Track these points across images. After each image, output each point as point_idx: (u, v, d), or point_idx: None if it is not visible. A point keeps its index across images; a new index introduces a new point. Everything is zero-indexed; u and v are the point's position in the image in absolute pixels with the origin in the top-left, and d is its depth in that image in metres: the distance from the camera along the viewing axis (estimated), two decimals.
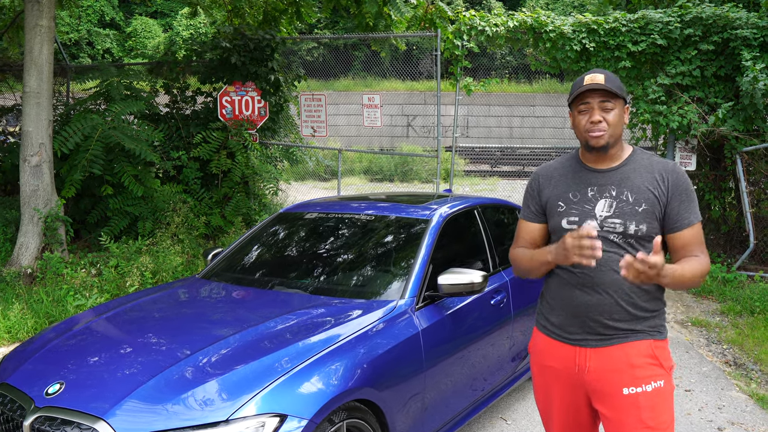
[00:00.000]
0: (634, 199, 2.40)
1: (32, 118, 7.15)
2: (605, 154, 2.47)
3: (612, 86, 2.39)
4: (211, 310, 3.70)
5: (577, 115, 2.47)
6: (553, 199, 2.55)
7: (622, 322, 2.41)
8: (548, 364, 2.57)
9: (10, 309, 6.14)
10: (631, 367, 2.39)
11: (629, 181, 2.43)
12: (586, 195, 2.48)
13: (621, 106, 2.44)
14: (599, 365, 2.43)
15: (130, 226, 8.32)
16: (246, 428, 2.54)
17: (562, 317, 2.51)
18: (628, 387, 2.39)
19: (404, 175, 18.99)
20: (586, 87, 2.40)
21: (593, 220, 2.43)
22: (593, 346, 2.44)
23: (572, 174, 2.55)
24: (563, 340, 2.52)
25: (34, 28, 7.11)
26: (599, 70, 2.44)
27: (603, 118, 2.40)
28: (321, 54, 27.89)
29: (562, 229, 2.49)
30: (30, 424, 2.70)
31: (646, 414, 2.37)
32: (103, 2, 29.62)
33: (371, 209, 4.46)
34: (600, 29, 8.31)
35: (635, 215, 2.39)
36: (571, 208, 2.49)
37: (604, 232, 2.40)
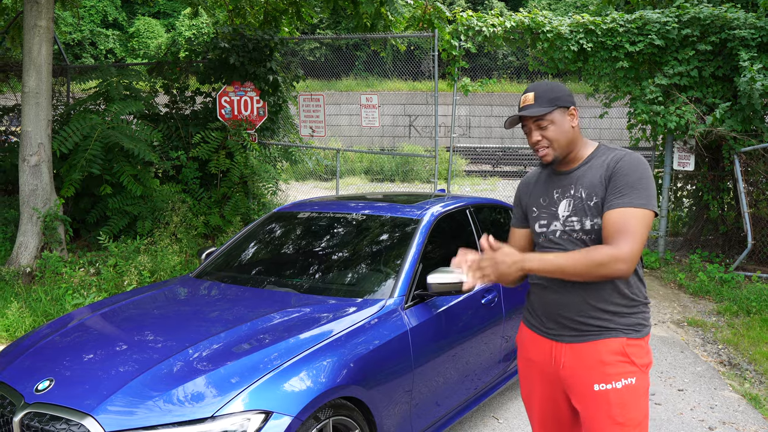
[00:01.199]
0: (587, 194, 2.44)
1: (31, 118, 7.20)
2: (560, 163, 2.54)
3: (539, 105, 2.44)
4: (202, 308, 3.73)
5: (526, 136, 2.54)
6: (530, 206, 2.64)
7: (592, 319, 2.43)
8: (530, 357, 2.63)
9: (8, 308, 6.18)
10: (602, 364, 2.41)
11: (584, 178, 2.47)
12: (552, 198, 2.55)
13: (560, 114, 2.46)
14: (572, 361, 2.47)
15: (129, 226, 8.37)
16: (231, 425, 2.57)
17: (540, 313, 2.58)
18: (599, 383, 2.41)
19: (405, 176, 19.01)
20: (514, 117, 2.50)
21: (557, 221, 2.50)
22: (567, 342, 2.49)
23: (545, 179, 2.62)
24: (542, 334, 2.58)
25: (33, 28, 7.15)
26: (532, 86, 2.49)
27: (542, 137, 2.47)
28: (323, 54, 27.93)
29: (536, 232, 2.59)
30: (20, 420, 2.74)
31: (616, 410, 2.39)
32: (106, 2, 29.70)
33: (364, 209, 4.49)
34: (597, 29, 8.33)
35: (588, 210, 2.42)
36: (541, 213, 2.57)
37: (567, 231, 2.47)
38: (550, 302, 2.51)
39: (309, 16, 10.05)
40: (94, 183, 8.17)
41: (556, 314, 2.50)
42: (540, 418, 2.67)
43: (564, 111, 2.47)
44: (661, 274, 8.53)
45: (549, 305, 2.52)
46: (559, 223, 2.49)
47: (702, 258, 8.64)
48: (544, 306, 2.54)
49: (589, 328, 2.44)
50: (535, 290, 2.59)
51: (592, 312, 2.43)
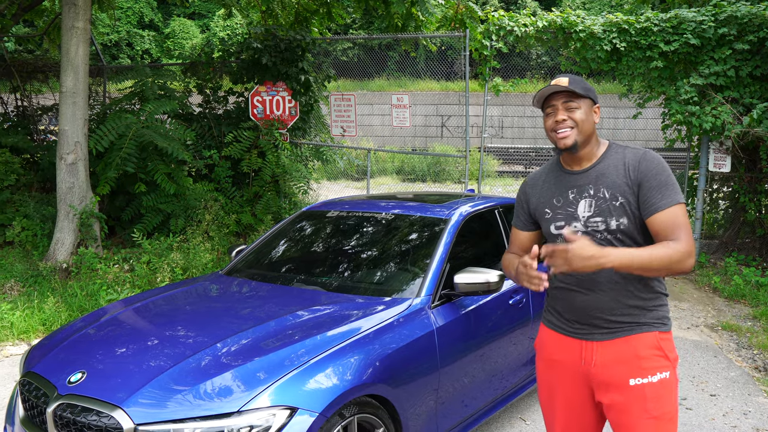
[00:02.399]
0: (610, 194, 2.44)
1: (68, 117, 7.35)
2: (576, 153, 2.51)
3: (575, 87, 2.45)
4: (231, 304, 3.78)
5: (545, 119, 2.53)
6: (540, 207, 2.62)
7: (624, 315, 2.45)
8: (555, 358, 2.61)
9: (45, 302, 6.33)
10: (638, 358, 2.42)
11: (604, 178, 2.47)
12: (567, 198, 2.53)
13: (588, 105, 2.49)
14: (605, 358, 2.47)
15: (163, 223, 8.50)
16: (257, 420, 2.60)
17: (568, 316, 2.56)
18: (635, 378, 2.42)
19: (437, 176, 18.98)
20: (549, 90, 2.47)
21: (577, 222, 2.48)
22: (599, 339, 2.48)
23: (554, 180, 2.61)
24: (569, 334, 2.56)
25: (70, 29, 7.31)
26: (565, 75, 2.51)
27: (568, 117, 2.46)
28: (356, 54, 28.01)
29: (552, 234, 2.57)
30: (53, 411, 2.81)
31: (651, 404, 2.41)
32: (143, 4, 30.18)
33: (392, 208, 4.50)
34: (631, 29, 8.23)
35: (613, 210, 2.42)
36: (557, 214, 2.55)
37: (590, 232, 2.46)
38: (579, 304, 2.50)
39: (340, 17, 10.08)
40: (128, 181, 8.32)
41: (586, 315, 2.49)
42: (564, 420, 2.64)
43: (591, 105, 2.50)
44: (696, 277, 8.39)
45: (579, 308, 2.50)
46: (579, 224, 2.48)
47: (738, 261, 8.49)
48: (573, 309, 2.52)
49: (621, 325, 2.46)
50: (560, 294, 2.57)
51: (624, 309, 2.44)
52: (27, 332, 5.96)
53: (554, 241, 2.53)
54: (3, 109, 11.08)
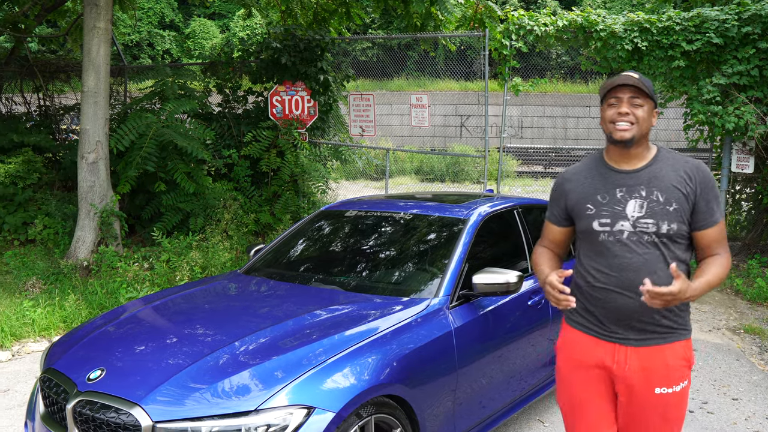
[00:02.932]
0: (665, 198, 2.45)
1: (90, 116, 7.42)
2: (628, 150, 2.51)
3: (644, 85, 2.45)
4: (249, 303, 3.79)
5: (606, 108, 2.52)
6: (581, 202, 2.59)
7: (664, 319, 2.49)
8: (582, 360, 2.61)
9: (66, 299, 6.39)
10: (667, 368, 2.50)
11: (658, 181, 2.47)
12: (615, 196, 2.51)
13: (650, 107, 2.50)
14: (638, 364, 2.51)
15: (182, 222, 8.55)
16: (274, 419, 2.60)
17: (602, 318, 2.55)
18: (661, 387, 2.49)
19: (455, 176, 18.93)
20: (618, 82, 2.46)
21: (625, 221, 2.47)
22: (634, 345, 2.51)
23: (598, 176, 2.59)
24: (602, 337, 2.57)
25: (92, 29, 7.37)
26: (633, 71, 2.53)
27: (631, 112, 2.46)
28: (375, 54, 28.02)
29: (593, 231, 2.54)
30: (72, 408, 2.83)
31: (671, 411, 2.52)
32: (164, 4, 30.40)
33: (410, 208, 4.49)
34: (653, 28, 8.14)
35: (667, 215, 2.43)
36: (601, 210, 2.53)
37: (637, 233, 2.45)
38: (620, 307, 2.49)
39: (358, 17, 10.08)
40: (149, 180, 8.38)
41: (626, 318, 2.49)
42: (588, 422, 2.63)
43: (653, 107, 2.52)
44: None
45: (619, 309, 2.49)
46: (627, 223, 2.47)
47: (761, 263, 8.37)
48: (615, 312, 2.50)
49: (656, 329, 2.50)
50: (602, 296, 2.53)
51: (662, 312, 2.47)
52: (48, 329, 6.02)
53: (595, 238, 2.53)
54: (26, 108, 11.21)
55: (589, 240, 2.56)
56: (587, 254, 2.58)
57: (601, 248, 2.52)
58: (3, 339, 5.75)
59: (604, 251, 2.51)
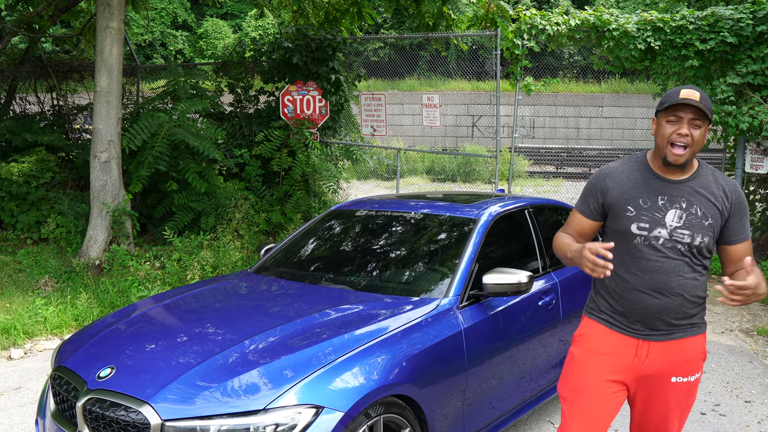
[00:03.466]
0: (702, 213, 2.57)
1: (102, 116, 7.46)
2: (680, 167, 2.58)
3: (706, 107, 2.48)
4: (259, 302, 3.79)
5: (664, 123, 2.55)
6: (622, 203, 2.65)
7: (684, 319, 2.62)
8: (599, 351, 2.71)
9: (78, 298, 6.43)
10: (686, 361, 2.65)
11: (699, 196, 2.58)
12: (656, 203, 2.60)
13: (707, 127, 2.55)
14: (659, 357, 2.64)
15: (194, 222, 8.58)
16: (283, 418, 2.60)
17: (628, 316, 2.65)
18: (677, 377, 2.65)
19: (467, 176, 18.89)
20: (682, 100, 2.47)
21: (663, 228, 2.57)
22: (656, 340, 2.64)
23: (642, 180, 2.65)
24: (625, 332, 2.67)
25: (105, 29, 7.41)
26: (695, 88, 2.53)
27: (690, 134, 2.50)
28: (387, 54, 28.01)
29: (631, 233, 2.61)
30: (82, 405, 2.84)
31: (684, 399, 2.70)
32: (176, 4, 30.53)
33: (421, 208, 4.48)
34: (666, 27, 8.09)
35: (702, 228, 2.56)
36: (641, 214, 2.60)
37: (672, 242, 2.56)
38: (649, 307, 2.59)
39: (370, 16, 10.08)
40: (160, 179, 8.41)
41: (653, 317, 2.60)
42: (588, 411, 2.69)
43: (708, 126, 2.56)
44: None
45: (647, 309, 2.59)
46: (665, 231, 2.56)
47: None
48: (642, 310, 2.60)
49: (678, 328, 2.63)
50: (631, 296, 2.61)
51: (685, 312, 2.60)
52: (60, 327, 6.06)
53: (630, 240, 2.60)
54: (40, 108, 11.28)
55: (623, 240, 2.62)
56: (618, 254, 2.62)
57: (633, 250, 2.60)
58: (15, 337, 5.79)
59: (637, 254, 2.59)
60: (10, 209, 8.64)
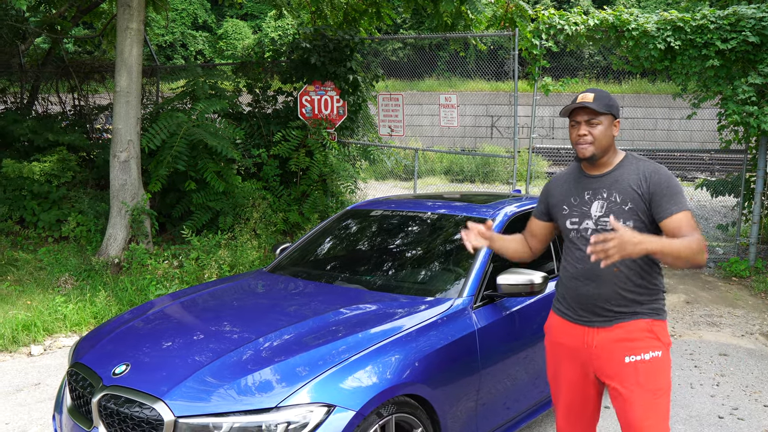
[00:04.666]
0: (621, 199, 2.75)
1: (122, 116, 7.53)
2: (594, 163, 2.82)
3: (597, 105, 2.73)
4: (274, 301, 3.82)
5: (570, 128, 2.84)
6: (559, 204, 2.93)
7: (622, 306, 2.76)
8: (560, 341, 2.94)
9: (97, 296, 6.50)
10: (632, 339, 2.75)
11: (618, 184, 2.78)
12: (583, 198, 2.85)
13: (609, 121, 2.78)
14: (604, 341, 2.78)
15: (212, 221, 8.63)
16: (294, 416, 2.61)
17: (573, 304, 2.86)
18: (629, 356, 2.74)
19: (485, 177, 18.82)
20: (574, 105, 2.77)
21: (590, 219, 2.80)
22: (598, 326, 2.80)
23: (574, 181, 2.92)
24: (573, 321, 2.87)
25: (125, 30, 7.48)
26: (591, 90, 2.78)
27: (588, 132, 2.76)
28: (406, 54, 28.00)
29: (566, 228, 2.89)
30: (97, 402, 2.88)
31: (644, 378, 2.72)
32: (197, 5, 30.74)
33: (436, 208, 4.48)
34: (686, 27, 8.01)
35: (622, 213, 2.73)
36: (572, 211, 2.87)
37: (599, 230, 2.76)
38: (583, 294, 2.80)
39: (388, 17, 10.08)
40: (179, 179, 8.48)
41: (591, 305, 2.79)
42: (566, 398, 2.96)
43: (612, 120, 2.79)
44: (751, 283, 8.13)
45: (583, 296, 2.80)
46: (591, 222, 2.80)
47: None
48: (579, 298, 2.82)
49: (619, 315, 2.76)
50: (571, 284, 2.85)
51: (622, 300, 2.75)
52: (79, 324, 6.13)
53: (568, 235, 2.88)
54: (61, 108, 11.42)
55: (565, 237, 2.92)
56: (564, 250, 2.94)
57: (570, 244, 2.87)
58: (36, 334, 5.86)
59: (573, 246, 2.85)
60: (32, 208, 8.75)
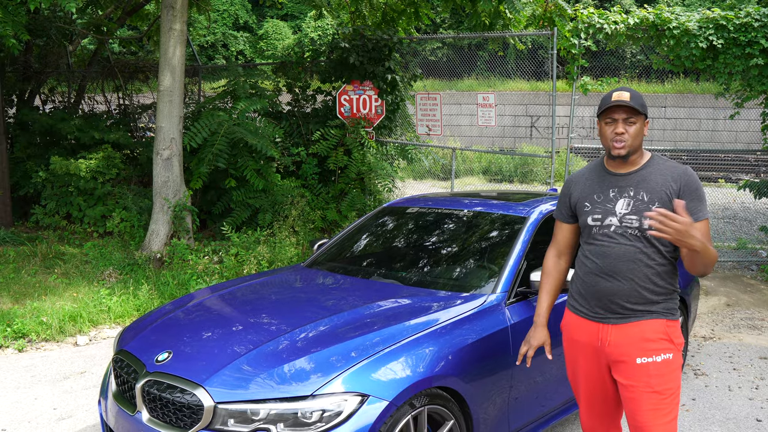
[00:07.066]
0: (649, 198, 2.76)
1: (165, 114, 7.72)
2: (625, 161, 2.84)
3: (635, 104, 2.75)
4: (311, 294, 3.90)
5: (603, 125, 2.85)
6: (581, 201, 2.94)
7: (638, 304, 2.77)
8: (576, 338, 2.95)
9: (139, 289, 6.68)
10: (645, 340, 2.76)
11: (645, 183, 2.80)
12: (608, 196, 2.86)
13: (642, 121, 2.81)
14: (618, 339, 2.80)
15: (251, 218, 8.79)
16: (329, 404, 2.69)
17: (588, 299, 2.87)
18: (641, 357, 2.76)
19: (524, 177, 18.73)
20: (613, 103, 2.77)
21: (614, 216, 2.80)
22: (614, 323, 2.81)
23: (597, 178, 2.94)
24: (588, 318, 2.88)
25: (168, 31, 7.66)
26: (624, 89, 2.80)
27: (625, 131, 2.78)
28: (445, 54, 27.97)
29: (588, 225, 2.89)
30: (141, 387, 3.00)
31: (655, 380, 2.74)
32: (238, 6, 31.15)
33: (472, 206, 4.51)
34: (729, 25, 7.89)
35: (648, 212, 2.69)
36: (595, 208, 2.87)
37: (623, 228, 2.78)
38: (602, 289, 2.81)
39: (426, 16, 10.11)
40: (220, 176, 8.65)
41: (607, 301, 2.80)
42: (586, 394, 2.99)
43: (644, 120, 2.82)
44: None
45: (601, 292, 2.81)
46: (615, 219, 2.80)
47: None
48: (597, 293, 2.83)
49: (634, 312, 2.78)
50: (589, 280, 2.86)
51: (638, 298, 2.76)
52: (122, 317, 6.31)
53: (589, 231, 2.89)
54: (107, 107, 11.72)
55: (585, 233, 2.92)
56: (584, 246, 2.93)
57: (592, 240, 2.87)
58: (81, 325, 6.06)
59: (594, 242, 2.86)
60: (78, 204, 9.02)
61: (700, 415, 4.53)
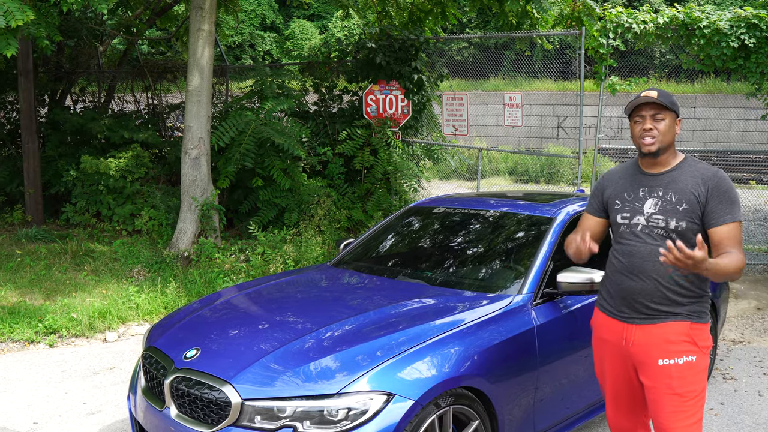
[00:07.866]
0: (677, 199, 2.79)
1: (193, 114, 7.80)
2: (656, 159, 2.86)
3: (663, 100, 2.78)
4: (337, 293, 3.92)
5: (633, 125, 2.88)
6: (612, 198, 2.99)
7: (662, 305, 2.79)
8: (603, 337, 2.99)
9: (167, 287, 6.76)
10: (667, 342, 2.78)
11: (675, 184, 2.82)
12: (638, 195, 2.90)
13: (672, 118, 2.83)
14: (641, 339, 2.83)
15: (277, 217, 8.85)
16: (355, 402, 2.71)
17: (615, 298, 2.91)
18: (663, 359, 2.77)
19: (550, 177, 18.60)
20: (640, 101, 2.81)
21: (641, 216, 2.84)
22: (638, 323, 2.84)
23: (629, 177, 2.98)
24: (615, 317, 2.92)
25: (197, 32, 7.74)
26: (653, 89, 2.82)
27: (654, 127, 2.81)
28: (471, 54, 27.88)
29: (617, 222, 2.94)
30: (170, 383, 3.04)
31: (676, 383, 2.75)
32: (265, 7, 31.35)
33: (498, 206, 4.50)
34: (762, 24, 7.76)
35: (676, 213, 2.77)
36: (625, 206, 2.92)
37: (649, 227, 2.81)
38: (626, 288, 2.84)
39: (453, 16, 10.09)
40: (247, 176, 8.72)
41: (631, 300, 2.83)
42: (612, 391, 3.03)
43: (674, 117, 2.84)
44: None
45: (625, 291, 2.84)
46: (642, 218, 2.84)
47: None
48: (622, 292, 2.86)
49: (658, 313, 2.80)
50: (615, 278, 2.90)
51: (663, 299, 2.77)
52: (150, 314, 6.39)
53: (617, 230, 2.94)
54: (136, 107, 11.87)
55: (615, 231, 2.98)
56: (614, 245, 2.98)
57: (620, 238, 2.92)
58: (110, 321, 6.15)
59: (622, 240, 2.90)
60: (108, 202, 9.15)
61: (728, 419, 4.47)
